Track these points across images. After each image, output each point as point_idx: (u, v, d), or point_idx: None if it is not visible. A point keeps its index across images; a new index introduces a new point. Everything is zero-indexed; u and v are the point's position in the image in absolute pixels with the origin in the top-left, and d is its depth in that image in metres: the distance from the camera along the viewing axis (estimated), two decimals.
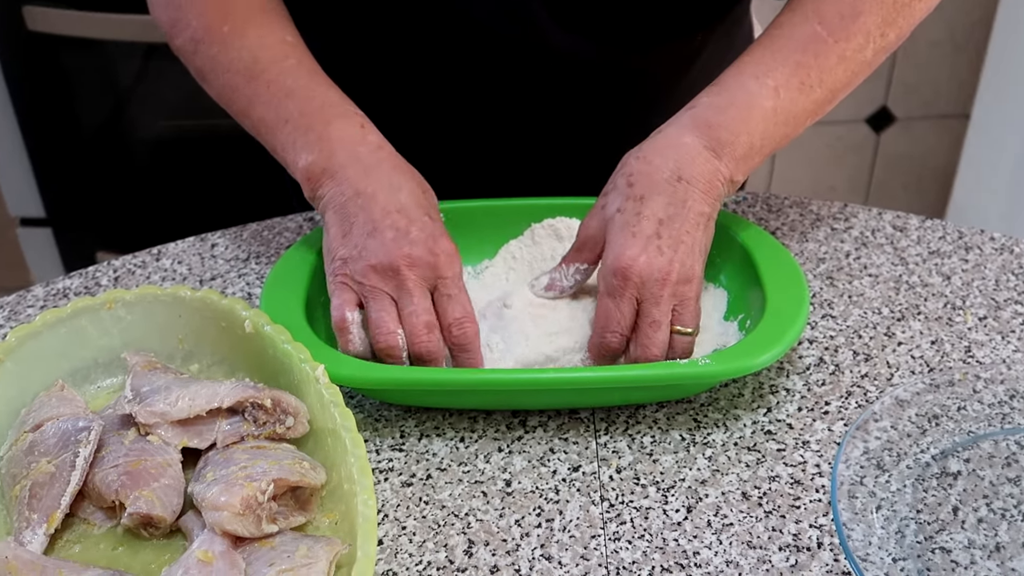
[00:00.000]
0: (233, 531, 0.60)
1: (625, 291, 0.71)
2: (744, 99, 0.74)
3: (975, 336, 0.79)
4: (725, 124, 0.74)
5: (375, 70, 0.91)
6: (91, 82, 1.86)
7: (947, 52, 2.15)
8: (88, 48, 1.79)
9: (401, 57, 0.89)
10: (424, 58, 0.88)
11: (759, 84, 0.75)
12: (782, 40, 0.76)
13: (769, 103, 0.74)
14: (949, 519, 0.65)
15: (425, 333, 0.71)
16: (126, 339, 0.75)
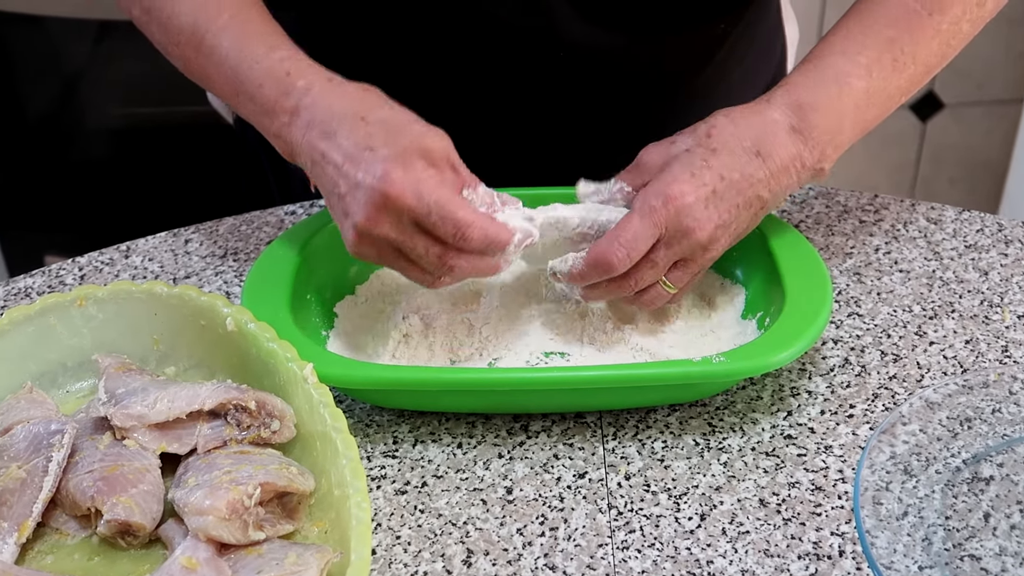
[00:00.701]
0: (218, 537, 0.66)
1: (657, 216, 0.76)
2: (835, 78, 0.81)
3: (1013, 335, 0.86)
4: (816, 105, 0.80)
5: (387, 62, 0.97)
6: (35, 65, 1.92)
7: (1001, 29, 2.21)
8: (32, 26, 1.84)
9: (413, 50, 0.95)
10: (437, 50, 0.95)
11: (851, 63, 0.81)
12: (873, 15, 0.82)
13: (862, 83, 0.81)
14: (980, 526, 0.71)
15: (441, 265, 0.76)
16: (97, 340, 0.81)
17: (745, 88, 1.08)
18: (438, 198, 0.74)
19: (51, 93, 1.95)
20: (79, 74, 1.95)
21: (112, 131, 1.98)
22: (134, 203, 1.98)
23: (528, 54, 0.93)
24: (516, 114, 0.98)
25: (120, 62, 1.92)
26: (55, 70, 1.95)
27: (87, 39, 1.90)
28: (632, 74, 0.97)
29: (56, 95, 1.95)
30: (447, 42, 0.94)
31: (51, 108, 1.96)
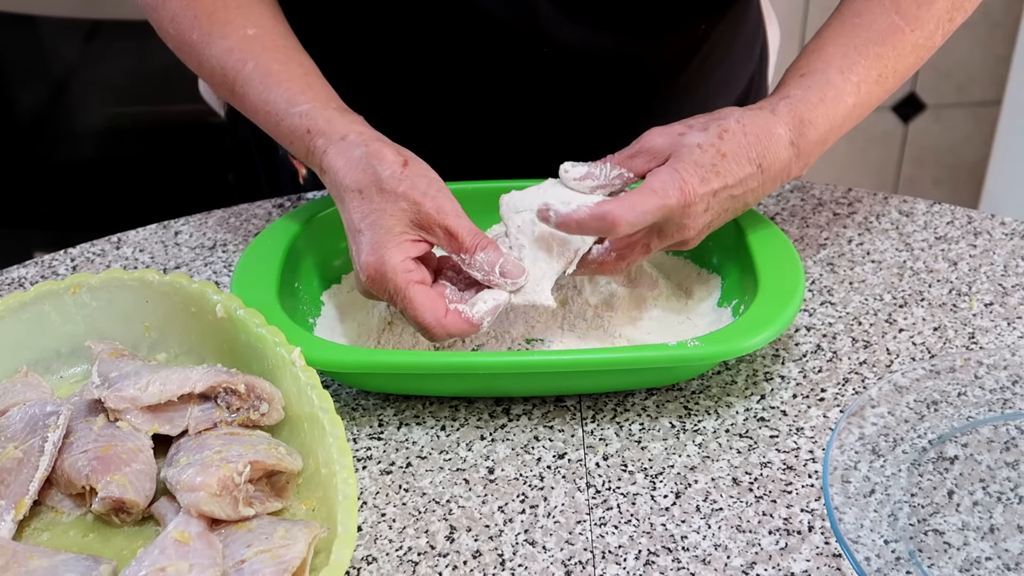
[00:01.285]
0: (210, 512, 0.69)
1: (669, 200, 0.79)
2: (832, 95, 0.85)
3: (979, 323, 0.89)
4: (815, 121, 0.85)
5: (370, 55, 0.99)
6: (25, 64, 1.94)
7: (981, 32, 2.25)
8: (22, 25, 1.86)
9: (397, 42, 0.98)
10: (420, 43, 0.97)
11: (844, 80, 0.86)
12: (863, 31, 0.87)
13: (851, 99, 0.86)
14: (944, 502, 0.74)
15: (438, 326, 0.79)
16: (90, 326, 0.84)
17: (725, 88, 1.11)
18: (405, 296, 0.79)
19: (41, 92, 1.97)
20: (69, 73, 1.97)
21: (102, 129, 2.00)
22: (123, 200, 2.00)
23: (511, 47, 0.96)
24: (499, 107, 1.01)
25: (110, 61, 1.95)
26: (45, 69, 1.97)
27: (77, 38, 1.93)
28: (614, 72, 0.99)
29: (46, 94, 1.97)
30: (433, 36, 0.96)
31: (41, 106, 1.98)
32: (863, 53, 0.87)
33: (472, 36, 0.95)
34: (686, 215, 0.80)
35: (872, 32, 0.87)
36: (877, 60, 0.87)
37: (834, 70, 0.86)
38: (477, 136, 1.03)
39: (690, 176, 0.80)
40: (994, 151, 2.18)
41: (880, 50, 0.87)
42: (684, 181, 0.80)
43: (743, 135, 0.82)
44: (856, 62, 0.86)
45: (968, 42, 2.27)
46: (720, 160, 0.81)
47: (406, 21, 0.96)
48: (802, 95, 0.85)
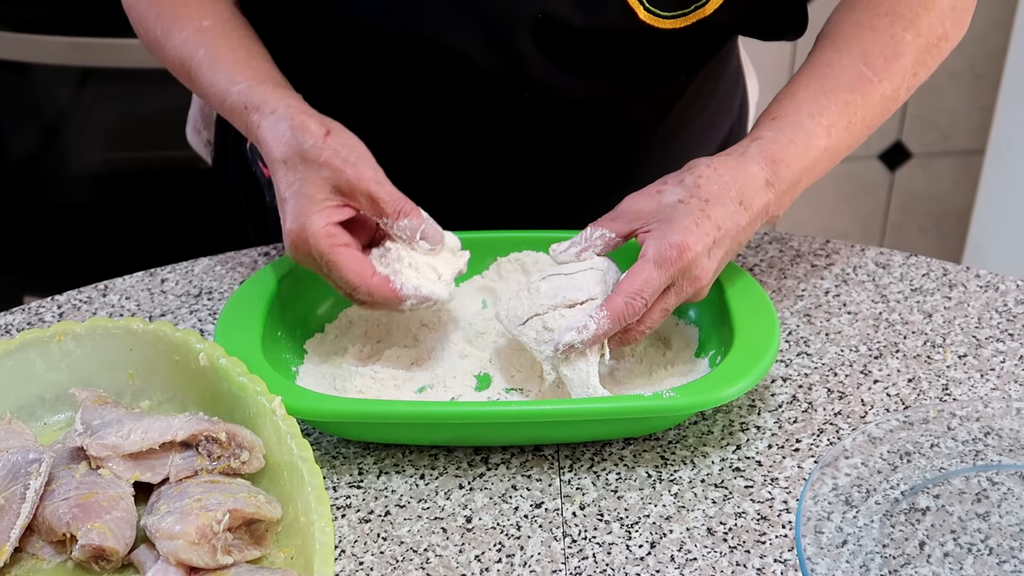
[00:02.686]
0: (188, 561, 0.70)
1: (673, 267, 0.82)
2: (803, 137, 0.88)
3: (953, 374, 0.90)
4: (787, 161, 0.87)
5: (353, 101, 1.01)
6: (19, 110, 1.96)
7: (966, 83, 2.28)
8: (16, 72, 1.88)
9: (380, 88, 1.00)
10: (403, 89, 0.99)
11: (815, 124, 0.89)
12: (832, 80, 0.90)
13: (822, 142, 0.89)
14: (915, 553, 0.75)
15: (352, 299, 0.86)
16: (74, 374, 0.85)
17: (705, 139, 1.13)
18: (329, 259, 0.84)
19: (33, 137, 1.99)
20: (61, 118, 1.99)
21: (93, 174, 2.02)
22: (113, 245, 2.01)
23: (493, 95, 0.97)
24: (480, 154, 1.03)
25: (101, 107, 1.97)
26: (37, 114, 1.99)
27: (69, 85, 1.95)
28: (595, 120, 1.01)
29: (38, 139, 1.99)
30: (416, 82, 0.98)
31: (32, 151, 1.99)
32: (832, 100, 0.89)
33: (455, 82, 0.97)
34: (695, 267, 0.83)
35: (841, 81, 0.90)
36: (846, 107, 0.90)
37: (804, 114, 0.89)
38: (458, 183, 1.05)
39: (688, 230, 0.82)
40: (978, 199, 2.20)
41: (849, 97, 0.90)
42: (682, 237, 0.82)
43: (718, 176, 0.85)
44: (826, 107, 0.89)
45: (953, 92, 2.30)
46: (706, 206, 0.83)
47: (389, 67, 0.98)
48: (773, 136, 0.88)
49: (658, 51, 0.97)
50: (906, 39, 0.91)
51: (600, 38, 0.94)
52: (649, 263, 0.82)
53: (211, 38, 0.93)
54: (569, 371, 0.82)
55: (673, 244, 0.82)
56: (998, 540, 0.76)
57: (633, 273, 0.82)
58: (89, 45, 1.79)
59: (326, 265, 0.84)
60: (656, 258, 0.82)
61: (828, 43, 0.93)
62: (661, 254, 0.82)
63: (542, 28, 0.92)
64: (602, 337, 0.82)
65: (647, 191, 0.86)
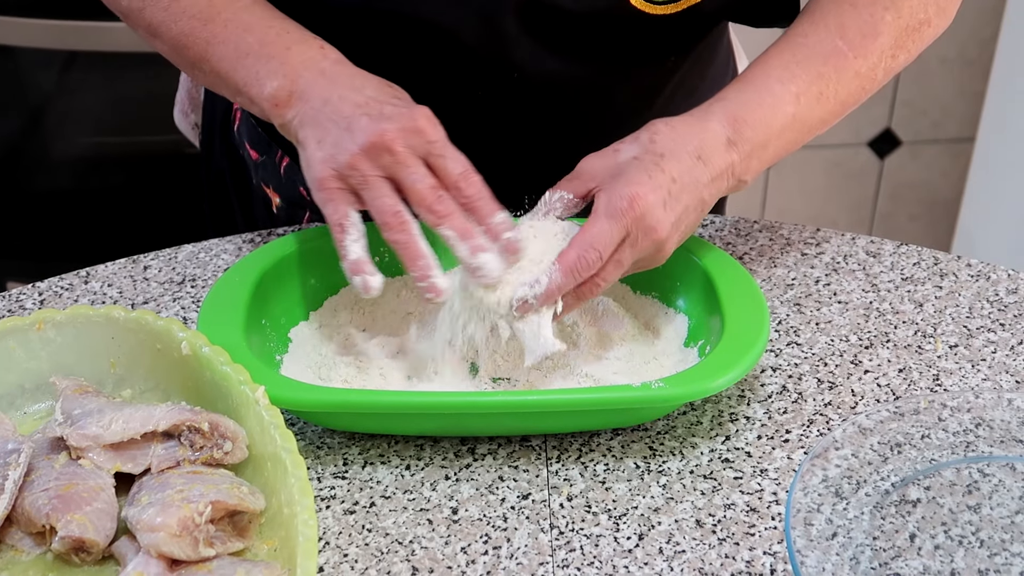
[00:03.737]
0: (169, 553, 0.69)
1: (625, 217, 0.81)
2: (770, 101, 0.87)
3: (944, 364, 0.89)
4: (750, 121, 0.86)
5: None
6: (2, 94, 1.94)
7: (956, 70, 2.27)
8: None
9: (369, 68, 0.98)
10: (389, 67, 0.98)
11: (783, 89, 0.88)
12: (806, 50, 0.90)
13: (791, 108, 0.88)
14: (905, 546, 0.74)
15: (433, 195, 0.81)
16: (55, 363, 0.84)
17: None
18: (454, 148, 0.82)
19: (17, 121, 1.98)
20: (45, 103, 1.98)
21: (77, 159, 2.00)
22: (98, 231, 2.00)
23: (480, 74, 0.96)
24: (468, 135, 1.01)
25: (86, 92, 1.95)
26: (21, 99, 1.97)
27: (53, 69, 1.93)
28: (584, 102, 1.00)
29: (21, 124, 1.98)
30: (405, 60, 0.97)
31: (16, 136, 1.98)
32: (804, 69, 0.89)
33: (445, 62, 0.95)
34: (648, 217, 0.81)
35: (815, 52, 0.89)
36: (818, 78, 0.89)
37: (773, 79, 0.88)
38: None
39: (639, 182, 0.81)
40: (967, 187, 2.20)
41: (822, 69, 0.89)
42: (632, 188, 0.81)
43: (674, 133, 0.84)
44: (796, 75, 0.88)
45: (943, 79, 2.29)
46: (660, 159, 0.83)
47: (379, 46, 0.96)
48: (735, 96, 0.87)
49: (648, 36, 0.96)
50: (886, 19, 0.90)
51: (591, 22, 0.93)
52: (600, 215, 0.81)
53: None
54: (522, 324, 0.82)
55: (623, 195, 0.81)
56: (989, 532, 0.75)
57: (585, 226, 0.81)
58: (74, 28, 1.77)
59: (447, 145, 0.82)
60: (607, 209, 0.81)
61: (806, 17, 0.92)
62: (612, 205, 0.81)
63: (533, 10, 0.91)
64: (556, 292, 0.81)
65: (604, 151, 0.86)
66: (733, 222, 1.06)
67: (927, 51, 0.99)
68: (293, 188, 1.09)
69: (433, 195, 0.81)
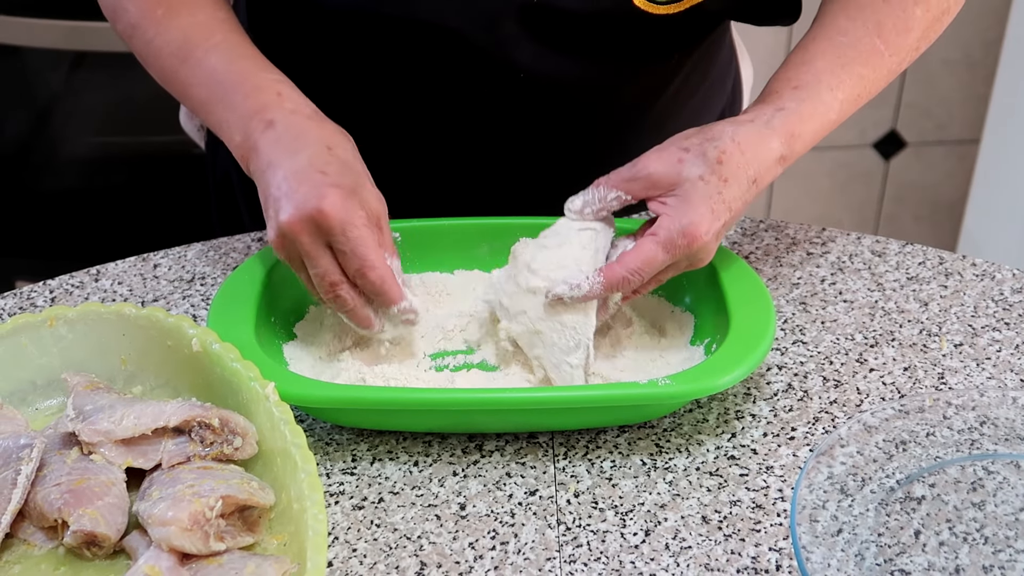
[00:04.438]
0: (180, 547, 0.69)
1: (680, 252, 0.82)
2: (821, 111, 0.89)
3: (949, 363, 0.90)
4: (803, 137, 0.88)
5: (344, 83, 1.01)
6: (10, 94, 1.95)
7: (962, 71, 2.28)
8: (7, 56, 1.87)
9: (370, 69, 0.99)
10: (393, 69, 0.99)
11: (832, 97, 0.89)
12: (850, 51, 0.90)
13: (834, 116, 0.89)
14: (910, 542, 0.75)
15: (330, 291, 0.83)
16: (66, 359, 0.84)
17: (698, 120, 1.12)
18: (358, 235, 0.81)
19: (25, 121, 1.98)
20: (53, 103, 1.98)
21: (85, 159, 2.01)
22: (106, 230, 2.00)
23: (484, 75, 0.97)
24: (474, 137, 1.02)
25: (93, 92, 1.96)
26: (29, 99, 1.98)
27: (61, 69, 1.94)
28: (587, 101, 1.01)
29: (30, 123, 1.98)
30: (410, 63, 0.97)
31: (24, 136, 1.98)
32: (849, 72, 0.90)
33: (450, 64, 0.96)
34: (699, 251, 0.83)
35: (857, 52, 0.90)
36: (860, 80, 0.90)
37: (824, 86, 0.89)
38: (452, 166, 1.04)
39: (701, 217, 0.82)
40: (972, 189, 2.20)
41: (863, 71, 0.90)
42: (694, 225, 0.82)
43: (740, 154, 0.84)
44: (843, 81, 0.89)
45: (948, 81, 2.29)
46: (723, 187, 0.83)
47: (384, 49, 0.97)
48: (796, 108, 0.87)
49: (651, 36, 0.97)
50: (916, 14, 0.91)
51: (594, 23, 0.93)
52: (658, 245, 0.82)
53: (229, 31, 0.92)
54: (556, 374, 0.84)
55: (685, 232, 0.82)
56: (993, 529, 0.75)
57: (639, 249, 0.82)
58: (82, 29, 1.78)
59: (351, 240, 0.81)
60: (665, 242, 0.82)
61: (840, 8, 0.92)
62: (671, 239, 0.82)
63: (536, 12, 0.92)
64: (591, 299, 0.83)
65: (668, 155, 0.85)
66: (739, 221, 1.07)
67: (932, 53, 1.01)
68: None
69: (331, 292, 0.83)
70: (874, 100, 0.95)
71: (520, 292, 0.84)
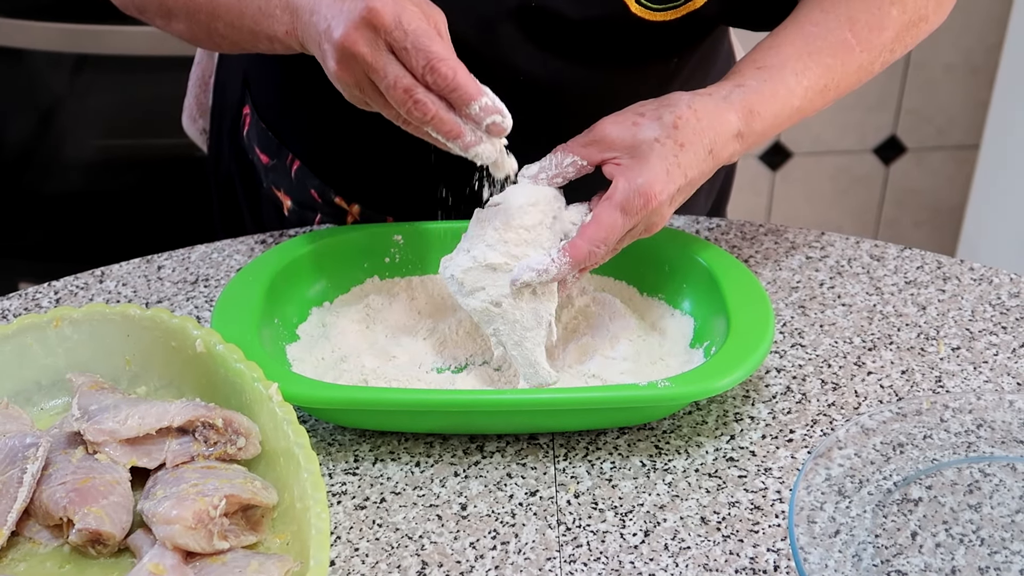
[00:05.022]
0: (184, 545, 0.70)
1: (638, 214, 0.82)
2: (783, 94, 0.89)
3: (947, 367, 0.91)
4: (763, 116, 0.88)
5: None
6: (13, 97, 1.96)
7: (961, 77, 2.29)
8: (11, 59, 1.88)
9: None
10: None
11: (797, 83, 0.89)
12: (818, 40, 0.91)
13: (798, 102, 0.90)
14: (907, 543, 0.75)
15: (408, 100, 0.78)
16: (71, 359, 0.85)
17: None
18: (416, 27, 0.77)
19: (28, 124, 1.99)
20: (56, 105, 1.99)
21: (87, 161, 2.02)
22: (108, 232, 2.01)
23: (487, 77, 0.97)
24: None
25: (96, 95, 1.97)
26: (32, 101, 1.99)
27: (64, 72, 1.95)
28: (586, 104, 1.01)
29: (33, 126, 1.99)
30: None
31: (27, 139, 1.99)
32: (816, 60, 0.90)
33: None
34: (655, 215, 0.83)
35: (826, 43, 0.91)
36: (827, 71, 0.90)
37: (789, 71, 0.89)
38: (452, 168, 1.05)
39: (657, 178, 0.82)
40: (972, 195, 2.21)
41: (831, 62, 0.91)
42: (650, 185, 0.82)
43: (696, 121, 0.84)
44: (809, 67, 0.90)
45: (948, 86, 2.30)
46: (679, 151, 0.83)
47: None
48: (757, 86, 0.88)
49: (649, 41, 0.98)
50: (892, 13, 0.92)
51: (591, 29, 0.94)
52: (616, 209, 0.82)
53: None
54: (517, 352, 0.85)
55: (641, 191, 0.82)
56: (989, 531, 0.76)
57: (598, 218, 0.82)
58: (84, 32, 1.79)
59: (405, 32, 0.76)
60: (623, 203, 0.82)
61: (815, 1, 0.93)
62: (628, 199, 0.82)
63: (532, 17, 0.92)
64: (559, 278, 0.83)
65: (623, 119, 0.85)
66: (739, 225, 1.08)
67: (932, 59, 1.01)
68: (304, 190, 1.11)
69: (408, 100, 0.78)
70: (874, 105, 0.96)
71: (478, 268, 0.84)
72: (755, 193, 2.38)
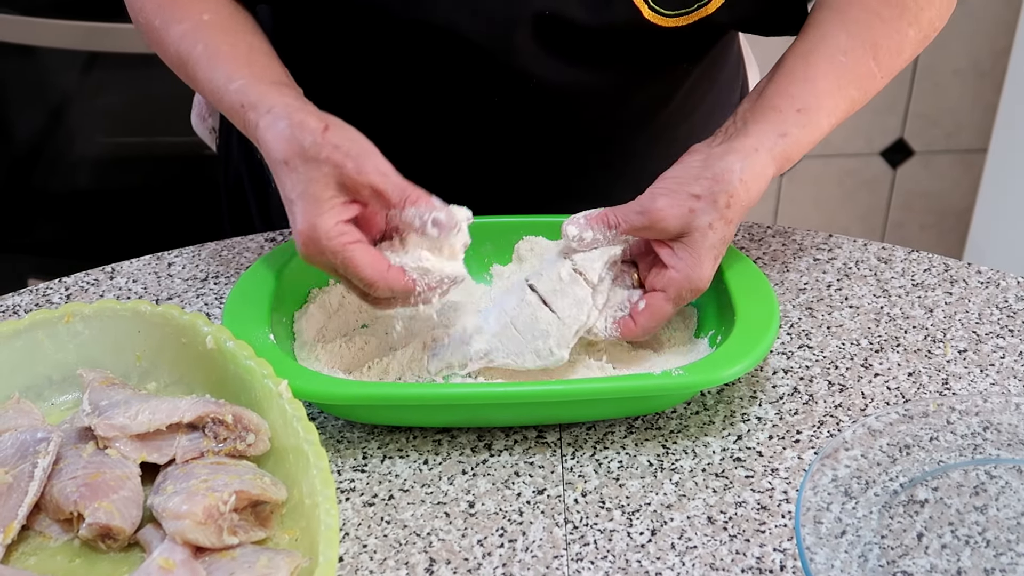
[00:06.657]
0: (194, 540, 0.70)
1: (687, 300, 0.86)
2: (817, 136, 0.90)
3: (953, 369, 0.91)
4: (793, 158, 0.89)
5: (353, 86, 1.02)
6: (24, 94, 1.97)
7: (969, 81, 2.29)
8: (22, 56, 1.89)
9: (386, 74, 1.00)
10: (410, 76, 1.00)
11: (828, 123, 0.90)
12: (848, 73, 0.91)
13: (819, 137, 0.91)
14: (913, 544, 0.76)
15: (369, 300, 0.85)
16: (82, 355, 0.86)
17: (707, 126, 1.14)
18: (344, 257, 0.81)
19: (38, 121, 2.00)
20: (66, 103, 2.00)
21: (97, 159, 2.03)
22: (118, 230, 2.02)
23: (500, 83, 0.98)
24: (485, 141, 1.04)
25: (106, 92, 1.97)
26: (42, 98, 2.00)
27: (74, 69, 1.95)
28: (597, 108, 1.02)
29: (43, 123, 2.00)
30: (423, 67, 0.98)
31: (38, 135, 2.00)
32: (845, 96, 0.91)
33: (462, 69, 0.97)
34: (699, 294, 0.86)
35: (855, 76, 0.91)
36: (851, 104, 0.92)
37: (824, 113, 0.90)
38: (463, 170, 1.05)
39: (706, 272, 0.85)
40: (979, 198, 2.21)
41: (856, 94, 0.91)
42: (701, 280, 0.85)
43: (746, 193, 0.86)
44: (839, 105, 0.90)
45: (956, 90, 2.30)
46: (727, 229, 0.85)
47: (397, 53, 0.98)
48: (797, 135, 0.89)
49: (661, 47, 0.98)
50: (909, 35, 0.93)
51: (604, 34, 0.95)
52: (668, 302, 0.86)
53: (211, 32, 0.91)
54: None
55: (693, 288, 0.85)
56: (995, 533, 0.76)
57: (652, 309, 0.86)
58: (95, 29, 1.79)
59: (341, 264, 0.81)
60: (675, 298, 0.86)
61: (838, 22, 0.92)
62: (680, 295, 0.85)
63: (548, 25, 0.93)
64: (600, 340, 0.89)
65: (679, 202, 0.84)
66: (746, 227, 1.08)
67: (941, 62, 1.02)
68: None
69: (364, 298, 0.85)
70: (882, 108, 0.97)
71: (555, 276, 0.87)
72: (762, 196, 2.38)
